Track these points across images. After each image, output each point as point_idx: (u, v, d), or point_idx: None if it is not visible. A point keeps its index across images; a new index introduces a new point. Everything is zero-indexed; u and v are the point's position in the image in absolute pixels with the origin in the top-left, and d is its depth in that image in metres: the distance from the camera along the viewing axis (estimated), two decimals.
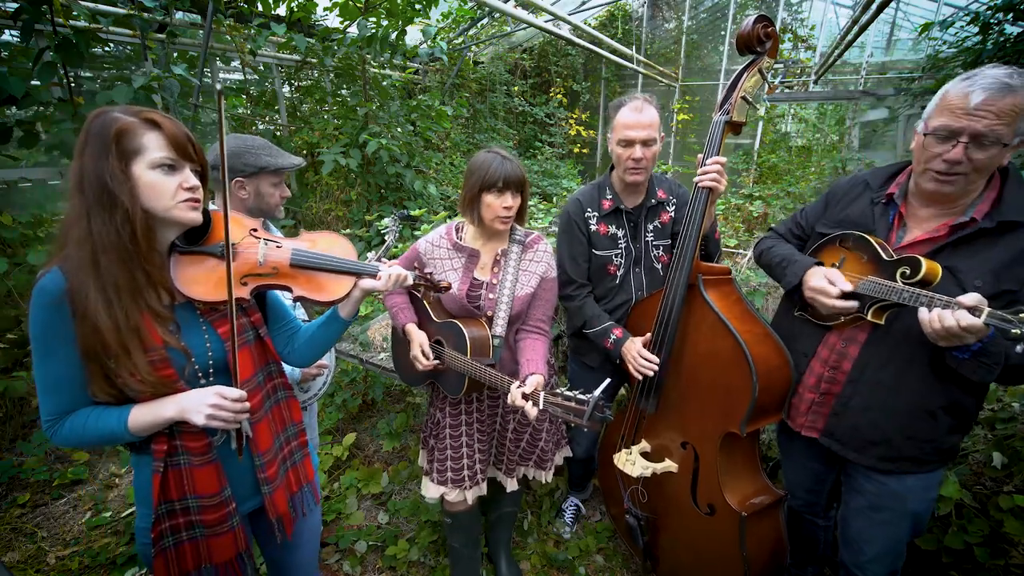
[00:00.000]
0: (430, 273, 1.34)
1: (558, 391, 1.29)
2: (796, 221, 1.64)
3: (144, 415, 1.01)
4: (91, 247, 0.95)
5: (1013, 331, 0.99)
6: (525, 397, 1.37)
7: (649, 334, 1.69)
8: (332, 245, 1.23)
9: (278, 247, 1.15)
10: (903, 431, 1.33)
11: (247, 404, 1.08)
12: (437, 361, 1.64)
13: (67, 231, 0.97)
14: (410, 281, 1.29)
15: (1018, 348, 0.99)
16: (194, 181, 1.03)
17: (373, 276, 1.21)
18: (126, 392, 1.00)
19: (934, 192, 1.24)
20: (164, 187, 0.99)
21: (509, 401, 1.40)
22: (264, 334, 1.20)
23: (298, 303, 1.73)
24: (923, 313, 1.13)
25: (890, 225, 1.35)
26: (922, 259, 1.18)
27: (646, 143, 1.70)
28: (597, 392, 1.21)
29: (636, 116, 1.69)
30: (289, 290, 1.15)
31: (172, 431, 1.05)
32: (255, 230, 1.16)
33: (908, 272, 1.20)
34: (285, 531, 1.24)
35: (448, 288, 1.44)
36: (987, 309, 1.04)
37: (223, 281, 1.07)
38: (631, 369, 1.69)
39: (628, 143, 1.71)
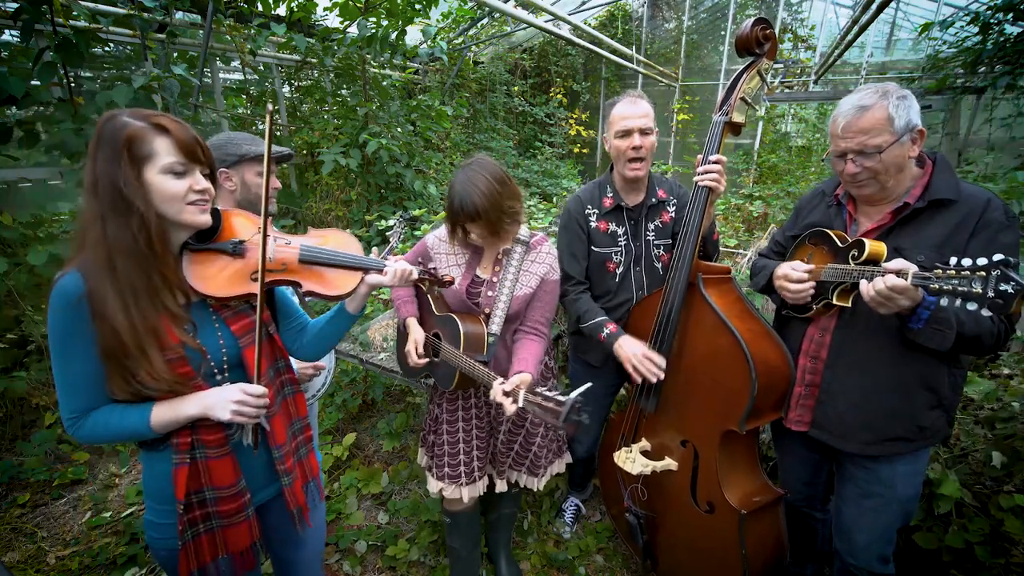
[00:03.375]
0: (434, 268, 1.38)
1: (539, 390, 1.28)
2: (775, 240, 1.75)
3: (166, 413, 1.04)
4: (107, 250, 0.97)
5: (932, 285, 1.09)
6: (505, 394, 1.38)
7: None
8: (340, 242, 1.26)
9: (287, 244, 1.18)
10: (883, 410, 1.40)
11: (267, 400, 1.11)
12: (426, 360, 1.68)
13: (84, 233, 0.99)
14: (415, 276, 1.31)
15: (943, 301, 1.09)
16: (204, 184, 1.05)
17: (380, 271, 1.24)
18: (143, 391, 1.02)
19: (858, 195, 1.42)
20: (175, 191, 1.00)
21: (491, 397, 1.42)
22: (273, 331, 1.23)
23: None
24: (862, 284, 1.24)
25: (844, 223, 1.49)
26: (866, 240, 1.31)
27: (643, 132, 1.74)
28: (574, 395, 1.20)
29: (631, 108, 1.74)
30: (299, 285, 1.17)
31: (192, 425, 1.08)
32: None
33: (856, 254, 1.33)
34: (305, 520, 1.26)
35: (451, 282, 1.47)
36: (912, 270, 1.14)
37: (235, 277, 1.10)
38: (630, 369, 1.69)
39: (626, 133, 1.74)
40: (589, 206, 1.88)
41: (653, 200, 1.86)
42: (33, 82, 2.65)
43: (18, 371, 2.88)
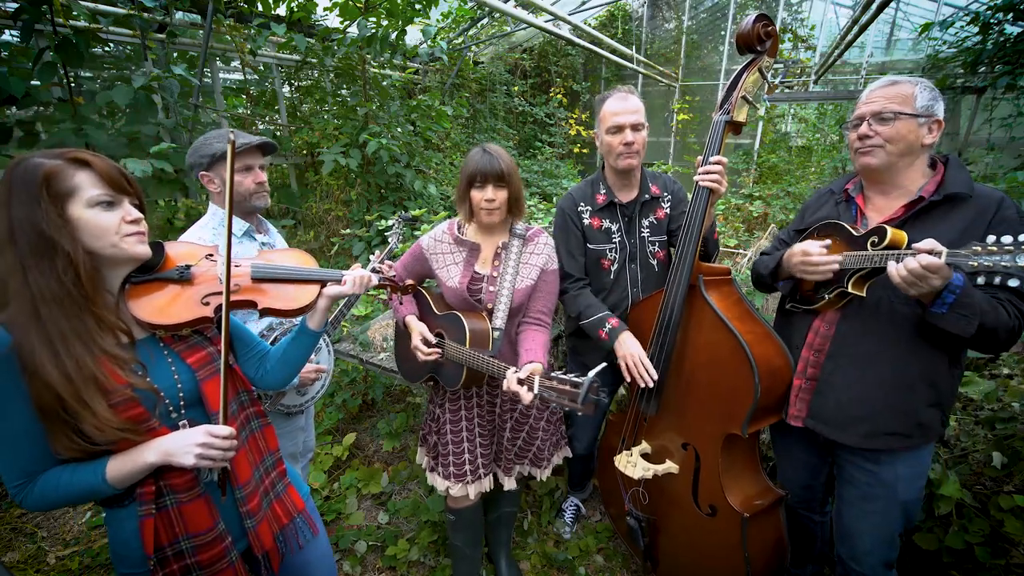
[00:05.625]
0: (394, 276, 1.39)
1: (554, 375, 1.28)
2: (779, 239, 1.73)
3: (124, 465, 0.96)
4: (30, 300, 0.90)
5: (970, 263, 1.08)
6: (520, 382, 1.36)
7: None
8: (292, 258, 1.22)
9: (236, 265, 1.14)
10: (884, 404, 1.40)
11: (235, 441, 1.04)
12: (437, 351, 1.65)
13: (4, 288, 0.91)
14: (374, 282, 1.31)
15: (979, 279, 1.08)
16: (136, 213, 0.99)
17: (338, 282, 1.21)
18: (91, 447, 0.94)
19: (865, 166, 1.42)
20: (106, 224, 0.95)
21: (504, 387, 1.40)
22: (232, 362, 1.16)
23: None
24: (891, 266, 1.22)
25: (854, 218, 1.49)
26: (887, 227, 1.30)
27: (635, 127, 1.74)
28: (591, 374, 1.20)
29: (622, 103, 1.74)
30: (254, 305, 1.12)
31: (156, 471, 1.01)
32: (211, 255, 1.15)
33: (877, 240, 1.31)
34: (272, 568, 1.18)
35: (413, 288, 1.48)
36: (945, 249, 1.14)
37: (185, 303, 1.05)
38: (623, 366, 1.69)
39: (618, 128, 1.74)
40: (582, 203, 1.88)
41: (647, 196, 1.86)
42: (33, 82, 2.65)
43: None
